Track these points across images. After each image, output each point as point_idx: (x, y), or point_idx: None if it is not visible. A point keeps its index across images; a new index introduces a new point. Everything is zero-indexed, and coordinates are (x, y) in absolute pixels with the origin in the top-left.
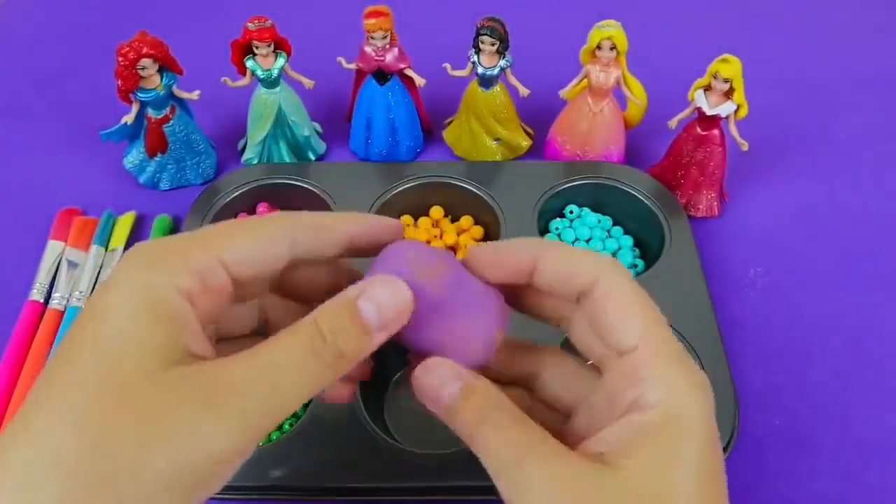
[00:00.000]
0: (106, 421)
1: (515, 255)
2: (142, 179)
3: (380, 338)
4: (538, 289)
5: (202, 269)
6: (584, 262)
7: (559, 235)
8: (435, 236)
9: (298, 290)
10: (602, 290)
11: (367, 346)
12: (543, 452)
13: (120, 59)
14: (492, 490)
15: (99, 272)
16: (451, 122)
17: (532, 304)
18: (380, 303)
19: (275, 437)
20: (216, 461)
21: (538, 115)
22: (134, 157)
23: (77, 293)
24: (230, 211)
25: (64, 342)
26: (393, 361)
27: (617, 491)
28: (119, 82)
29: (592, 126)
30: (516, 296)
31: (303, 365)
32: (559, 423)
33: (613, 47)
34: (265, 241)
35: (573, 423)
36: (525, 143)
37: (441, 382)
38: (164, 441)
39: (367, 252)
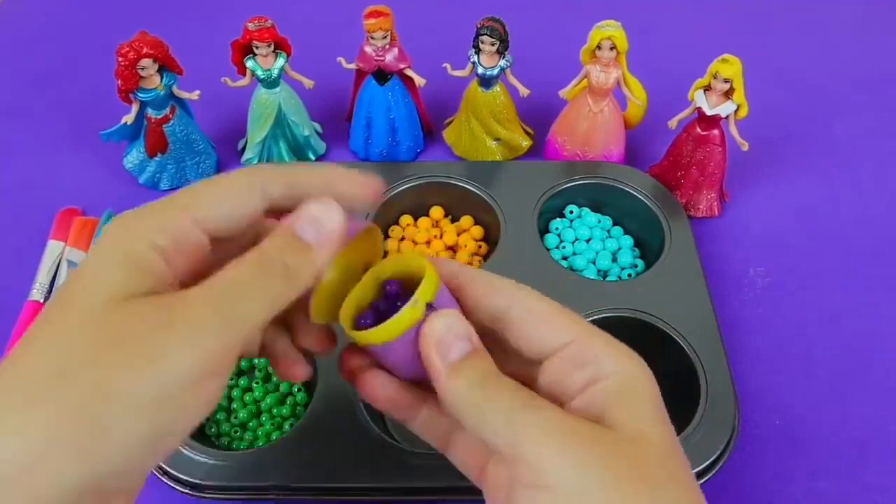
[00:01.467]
0: (73, 347)
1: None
2: (142, 179)
3: (321, 254)
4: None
5: (176, 231)
6: (501, 285)
7: (559, 235)
8: (435, 236)
9: None
10: (524, 306)
11: (310, 260)
12: (542, 407)
13: (120, 59)
14: None
15: None
16: (451, 122)
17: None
18: (315, 221)
19: (275, 438)
20: (184, 382)
21: (538, 115)
22: (134, 157)
23: None
24: None
25: (54, 294)
26: None
27: (614, 438)
28: (119, 82)
29: (592, 126)
30: None
31: (255, 280)
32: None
33: (613, 47)
34: (235, 193)
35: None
36: (525, 143)
37: (456, 336)
38: (129, 362)
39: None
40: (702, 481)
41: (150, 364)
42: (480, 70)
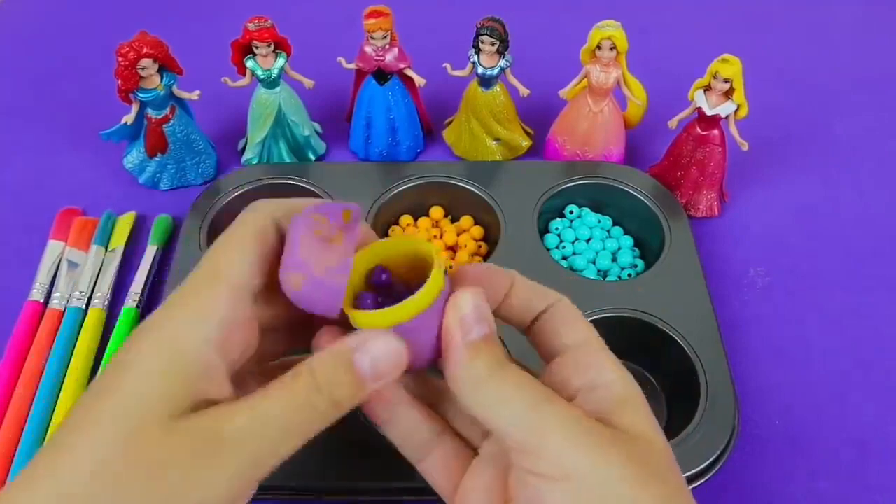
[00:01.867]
0: (117, 471)
1: (500, 276)
2: (142, 179)
3: (374, 387)
4: (507, 305)
5: (224, 313)
6: (546, 291)
7: (559, 235)
8: (435, 236)
9: None
10: (559, 308)
11: (360, 396)
12: (562, 401)
13: (120, 59)
14: None
15: (99, 272)
16: (451, 122)
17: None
18: (375, 356)
19: None
20: None
21: (538, 115)
22: (134, 157)
23: (77, 293)
24: (230, 211)
25: (96, 382)
26: None
27: (629, 438)
28: (119, 82)
29: (592, 126)
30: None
31: (297, 416)
32: None
33: (613, 47)
34: (252, 239)
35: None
36: (525, 143)
37: (480, 316)
38: (165, 490)
39: None
40: (702, 481)
41: (184, 493)
42: (480, 70)
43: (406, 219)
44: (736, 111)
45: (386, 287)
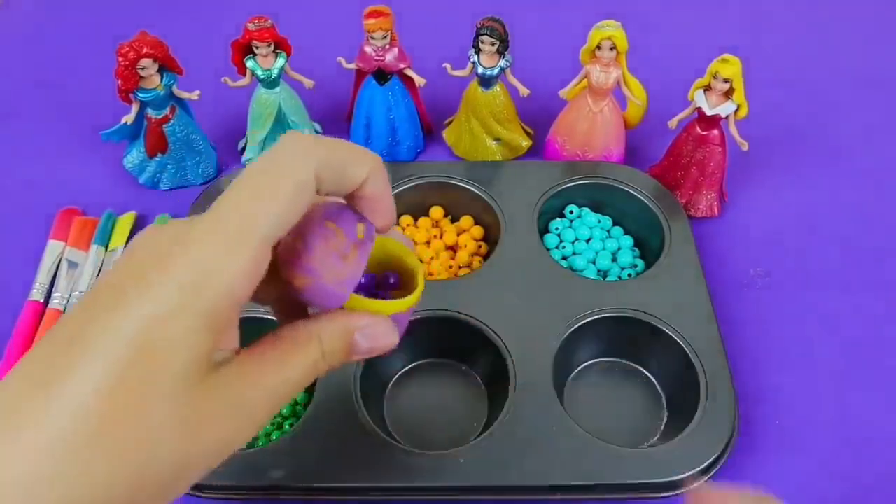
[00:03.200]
0: (160, 425)
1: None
2: (142, 179)
3: (358, 359)
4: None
5: (253, 270)
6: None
7: (559, 235)
8: (435, 236)
9: None
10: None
11: (347, 363)
12: None
13: (120, 59)
14: (490, 490)
15: (99, 272)
16: (451, 122)
17: None
18: (373, 341)
19: (275, 438)
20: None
21: (538, 115)
22: (134, 157)
23: (77, 293)
24: None
25: (122, 283)
26: (393, 361)
27: None
28: (119, 82)
29: (592, 126)
30: None
31: (306, 379)
32: None
33: (613, 47)
34: (294, 196)
35: None
36: (525, 143)
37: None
38: (206, 449)
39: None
40: (702, 481)
41: (222, 448)
42: (480, 70)
43: (406, 219)
44: (736, 111)
45: (384, 284)
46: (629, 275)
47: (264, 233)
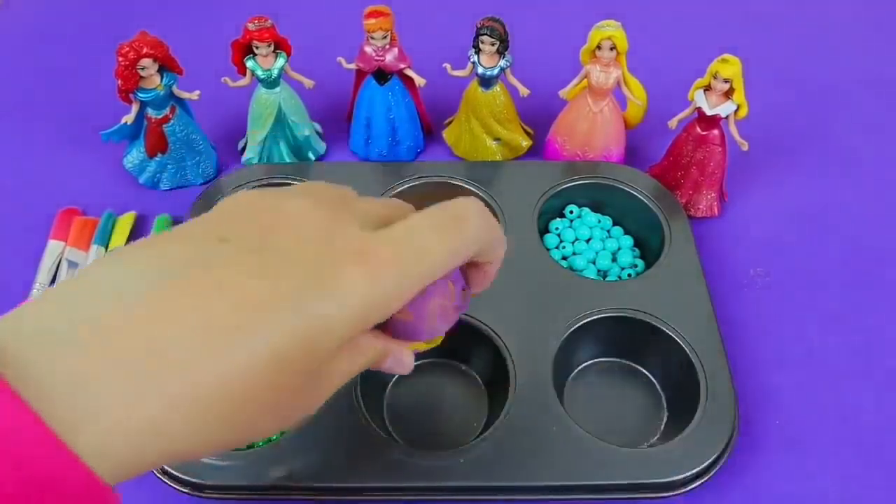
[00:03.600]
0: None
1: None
2: (142, 179)
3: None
4: None
5: None
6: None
7: (559, 235)
8: None
9: None
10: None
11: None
12: None
13: (120, 59)
14: (490, 490)
15: None
16: (451, 122)
17: None
18: (398, 366)
19: (275, 438)
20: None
21: (538, 115)
22: (134, 157)
23: None
24: None
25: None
26: None
27: None
28: (119, 82)
29: (592, 126)
30: None
31: (350, 377)
32: None
33: (613, 47)
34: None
35: None
36: (525, 143)
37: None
38: (273, 413)
39: None
40: (702, 481)
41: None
42: (480, 70)
43: None
44: (736, 111)
45: None
46: (629, 275)
47: (428, 276)
